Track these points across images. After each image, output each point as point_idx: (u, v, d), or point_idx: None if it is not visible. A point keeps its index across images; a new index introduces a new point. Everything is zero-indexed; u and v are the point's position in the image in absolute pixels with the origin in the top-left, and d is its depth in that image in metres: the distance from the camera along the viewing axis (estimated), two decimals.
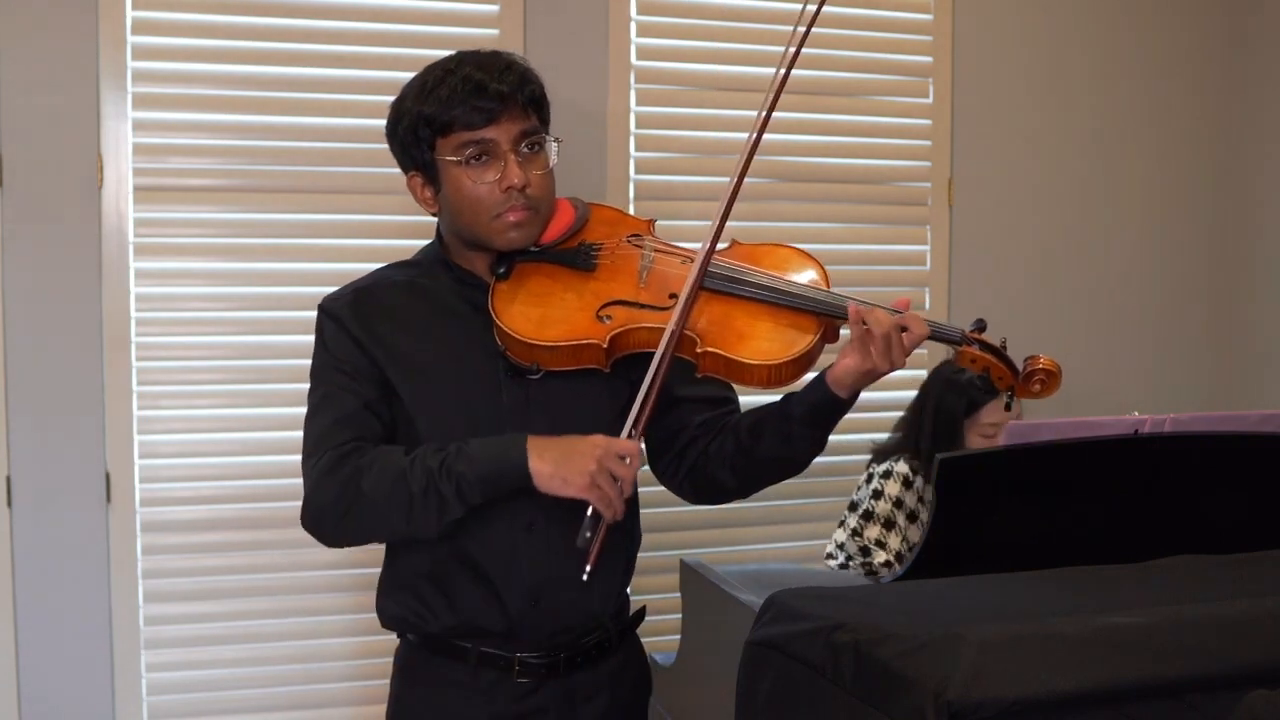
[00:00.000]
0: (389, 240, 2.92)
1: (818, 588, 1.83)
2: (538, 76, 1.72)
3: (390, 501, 1.61)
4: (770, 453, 1.73)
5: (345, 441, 1.65)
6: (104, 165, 2.75)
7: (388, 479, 1.61)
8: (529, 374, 1.68)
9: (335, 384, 1.70)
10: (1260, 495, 2.14)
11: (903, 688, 1.45)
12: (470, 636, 1.73)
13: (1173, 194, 3.57)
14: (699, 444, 1.78)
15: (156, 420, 2.82)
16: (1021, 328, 3.42)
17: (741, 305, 1.67)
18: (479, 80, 1.64)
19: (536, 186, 1.67)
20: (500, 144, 1.65)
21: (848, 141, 3.25)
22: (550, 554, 1.70)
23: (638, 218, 1.81)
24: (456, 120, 1.65)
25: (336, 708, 2.95)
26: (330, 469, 1.64)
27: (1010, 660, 1.44)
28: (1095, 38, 3.47)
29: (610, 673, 1.81)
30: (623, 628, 1.84)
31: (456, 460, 1.60)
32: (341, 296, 1.75)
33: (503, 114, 1.65)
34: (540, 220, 1.70)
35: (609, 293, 1.68)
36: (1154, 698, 1.46)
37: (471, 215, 1.68)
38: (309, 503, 1.67)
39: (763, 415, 1.74)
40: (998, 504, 2.04)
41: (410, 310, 1.73)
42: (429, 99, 1.67)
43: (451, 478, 1.60)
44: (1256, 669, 1.48)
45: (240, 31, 2.82)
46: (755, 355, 1.63)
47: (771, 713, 1.72)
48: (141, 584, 2.82)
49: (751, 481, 1.79)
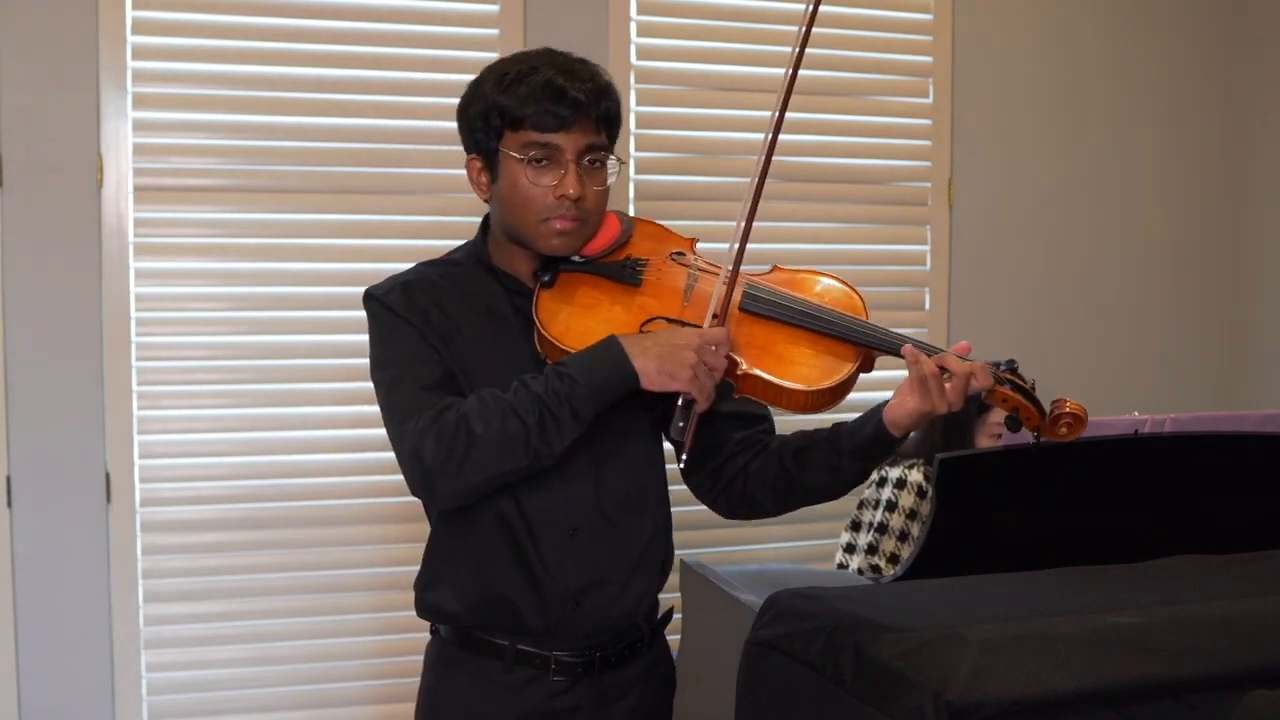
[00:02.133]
0: (389, 240, 2.92)
1: (818, 588, 1.83)
2: (617, 94, 1.73)
3: (507, 438, 1.58)
4: (815, 481, 1.74)
5: (437, 402, 1.62)
6: (104, 165, 2.75)
7: (498, 417, 1.58)
8: None
9: (407, 361, 1.68)
10: (1260, 495, 2.14)
11: (903, 688, 1.45)
12: (508, 634, 1.74)
13: (1173, 193, 3.57)
14: (738, 461, 1.79)
15: (156, 420, 2.82)
16: (1021, 328, 3.45)
17: (783, 330, 1.68)
18: (560, 86, 1.65)
19: (590, 200, 1.69)
20: (565, 152, 1.66)
21: (848, 141, 3.25)
22: (595, 559, 1.72)
23: (680, 235, 1.82)
24: (528, 119, 1.65)
25: (337, 708, 2.94)
26: (433, 423, 1.59)
27: (1010, 660, 1.44)
28: (1095, 37, 3.47)
29: (641, 672, 1.83)
30: (654, 627, 1.86)
31: (560, 382, 1.59)
32: (390, 287, 1.74)
33: (574, 123, 1.66)
34: (586, 232, 1.72)
35: (653, 309, 1.70)
36: (1154, 698, 1.46)
37: (520, 213, 1.69)
38: (418, 461, 1.60)
39: (810, 443, 1.74)
40: (997, 504, 2.04)
41: (454, 306, 1.73)
42: (507, 91, 1.67)
43: (562, 400, 1.59)
44: (1256, 669, 1.48)
45: (240, 31, 2.82)
46: (795, 380, 1.64)
47: (771, 713, 1.72)
48: (141, 584, 2.82)
49: (788, 505, 1.80)
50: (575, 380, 1.59)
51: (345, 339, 2.89)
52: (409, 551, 2.88)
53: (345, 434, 2.90)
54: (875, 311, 1.73)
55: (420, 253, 2.89)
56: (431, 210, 2.96)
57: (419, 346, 1.68)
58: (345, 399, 2.88)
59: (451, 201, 2.95)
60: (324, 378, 2.90)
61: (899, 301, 3.33)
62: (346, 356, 2.88)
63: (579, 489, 1.71)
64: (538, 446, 1.60)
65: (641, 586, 1.78)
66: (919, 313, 3.33)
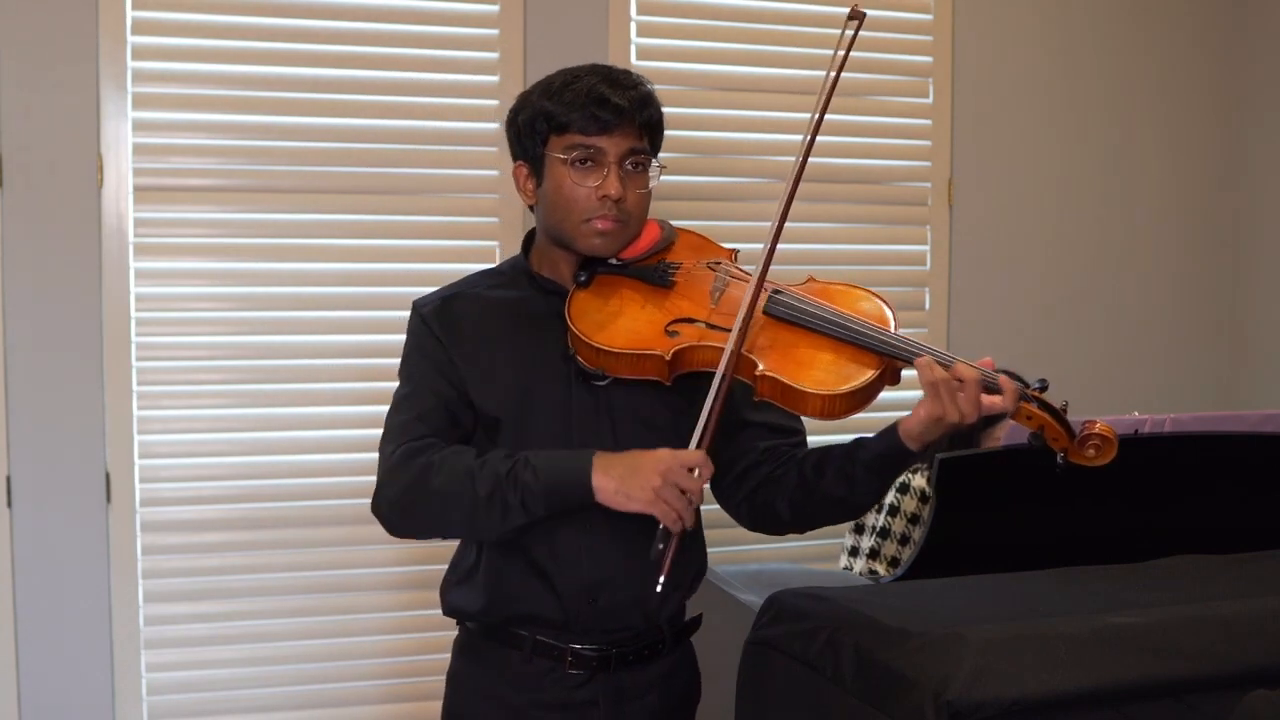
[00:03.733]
0: (389, 240, 2.92)
1: (818, 588, 1.83)
2: (659, 104, 1.79)
3: (456, 501, 1.66)
4: (831, 491, 1.74)
5: (421, 436, 1.71)
6: (104, 165, 2.75)
7: (455, 479, 1.66)
8: (597, 379, 1.75)
9: (420, 380, 1.78)
10: (1260, 495, 2.14)
11: (903, 688, 1.45)
12: (526, 624, 1.78)
13: (1173, 193, 3.57)
14: (762, 470, 1.80)
15: (156, 420, 2.82)
16: (1021, 328, 3.45)
17: (806, 336, 1.70)
18: (603, 93, 1.71)
19: (631, 202, 1.75)
20: (608, 154, 1.72)
21: (848, 141, 3.25)
22: (610, 554, 1.75)
23: (721, 246, 1.86)
24: (573, 123, 1.72)
25: (337, 708, 2.94)
26: (402, 461, 1.69)
27: (1010, 660, 1.44)
28: (1095, 37, 3.47)
29: (661, 674, 1.85)
30: (677, 631, 1.87)
31: (524, 470, 1.65)
32: (431, 300, 1.83)
33: (617, 128, 1.72)
34: (626, 234, 1.77)
35: (680, 310, 1.74)
36: (1154, 698, 1.46)
37: (564, 213, 1.75)
38: (380, 491, 1.73)
39: (829, 453, 1.76)
40: (997, 504, 2.04)
41: (491, 316, 1.80)
42: (554, 98, 1.74)
43: (517, 487, 1.64)
44: (1256, 669, 1.48)
45: (240, 31, 2.82)
46: (812, 384, 1.65)
47: (771, 713, 1.73)
48: (141, 584, 2.82)
49: (806, 518, 1.80)
50: (536, 475, 1.64)
51: (345, 339, 2.89)
52: (409, 551, 2.89)
53: (345, 434, 2.90)
54: None
55: (420, 253, 2.93)
56: (432, 210, 2.96)
57: (431, 374, 1.77)
58: (345, 399, 2.89)
59: (452, 201, 2.95)
60: (324, 378, 2.90)
61: (899, 301, 3.27)
62: (346, 356, 2.89)
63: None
64: (482, 522, 1.67)
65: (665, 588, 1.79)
66: (919, 313, 3.33)
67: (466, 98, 2.91)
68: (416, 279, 2.64)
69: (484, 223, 2.95)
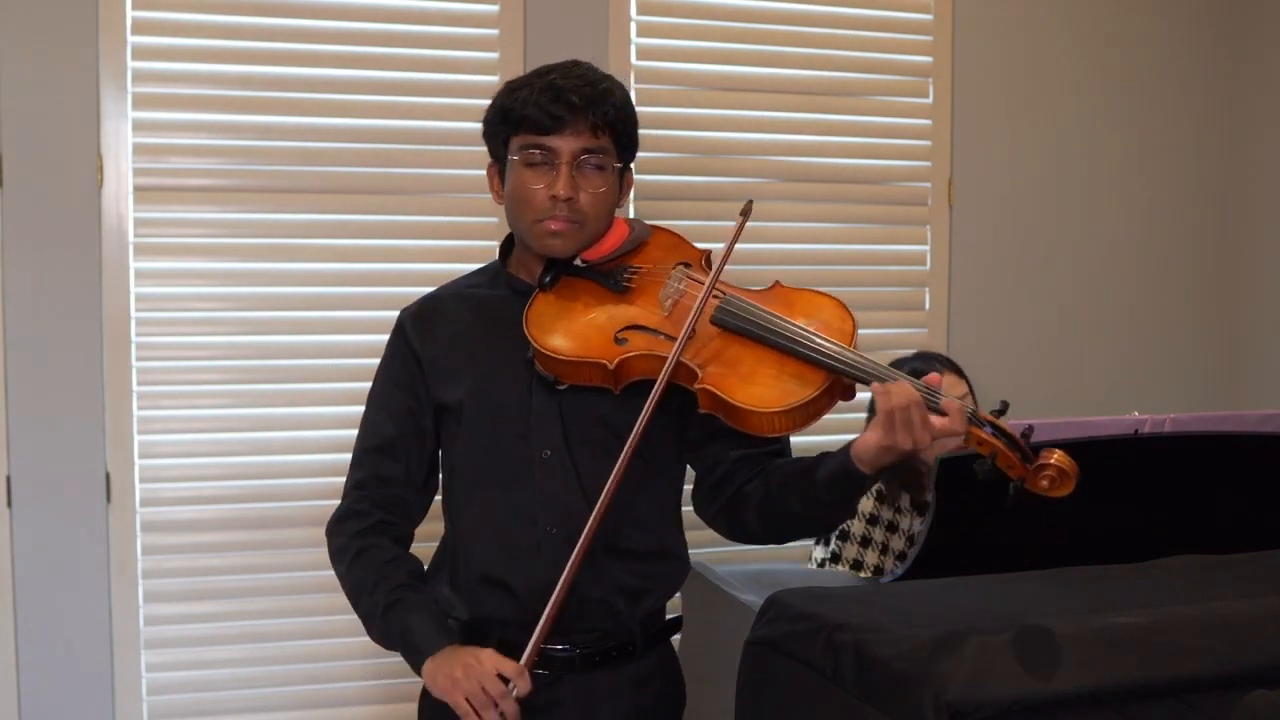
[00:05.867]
0: (389, 240, 2.92)
1: (818, 588, 1.83)
2: (622, 103, 1.75)
3: (353, 597, 1.78)
4: (791, 506, 1.70)
5: (364, 497, 1.81)
6: (104, 165, 2.75)
7: (356, 580, 1.77)
8: (555, 383, 1.72)
9: (384, 395, 1.84)
10: (1260, 495, 2.14)
11: (903, 688, 1.45)
12: (493, 625, 1.77)
13: (1173, 194, 3.57)
14: (736, 479, 1.76)
15: (156, 420, 2.82)
16: (1021, 328, 3.45)
17: (752, 348, 1.64)
18: (558, 88, 1.69)
19: (585, 203, 1.72)
20: (560, 154, 1.70)
21: (848, 141, 3.25)
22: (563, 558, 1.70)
23: (694, 246, 1.81)
24: (527, 120, 1.70)
25: (337, 708, 2.94)
26: (339, 524, 1.82)
27: (1010, 660, 1.44)
28: (1096, 38, 3.47)
29: (634, 678, 1.81)
30: (651, 633, 1.84)
31: (392, 609, 1.72)
32: (412, 305, 1.86)
33: (569, 125, 1.69)
34: (583, 235, 1.74)
35: (630, 316, 1.69)
36: (1154, 698, 1.46)
37: (518, 212, 1.74)
38: (329, 524, 1.85)
39: (794, 467, 1.71)
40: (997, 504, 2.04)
41: (466, 315, 1.81)
42: (512, 94, 1.73)
43: (377, 620, 1.74)
44: (1256, 669, 1.48)
45: (240, 31, 2.82)
46: (748, 400, 1.58)
47: (771, 713, 1.72)
48: (141, 584, 2.82)
49: (775, 530, 1.77)
50: (405, 630, 1.71)
51: (345, 339, 2.89)
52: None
53: (345, 434, 2.87)
54: (876, 312, 1.72)
55: (420, 253, 2.93)
56: (432, 210, 2.96)
57: (393, 394, 1.82)
58: (345, 399, 2.87)
59: (452, 201, 2.95)
60: (324, 378, 2.90)
61: (899, 302, 3.33)
62: (346, 356, 2.89)
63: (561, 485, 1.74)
64: (365, 625, 1.78)
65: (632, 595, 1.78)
66: (919, 313, 3.33)
67: (466, 98, 2.91)
68: (416, 279, 2.63)
69: (483, 223, 2.95)
